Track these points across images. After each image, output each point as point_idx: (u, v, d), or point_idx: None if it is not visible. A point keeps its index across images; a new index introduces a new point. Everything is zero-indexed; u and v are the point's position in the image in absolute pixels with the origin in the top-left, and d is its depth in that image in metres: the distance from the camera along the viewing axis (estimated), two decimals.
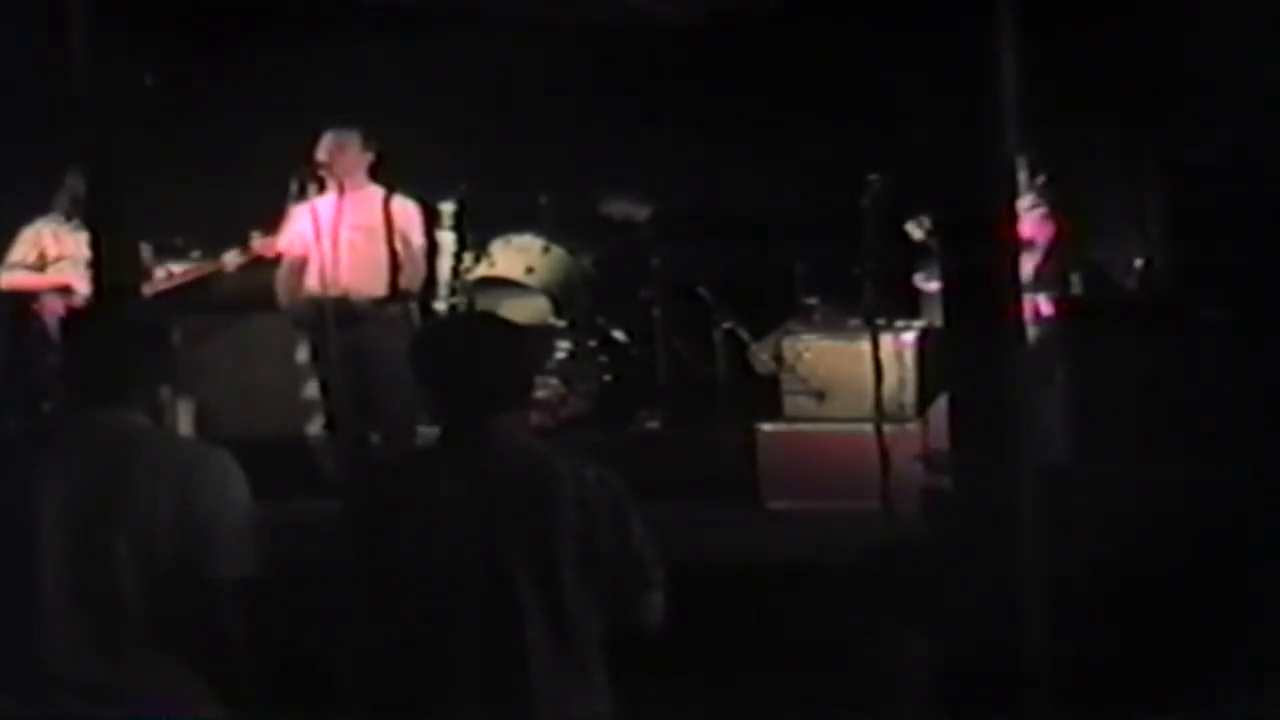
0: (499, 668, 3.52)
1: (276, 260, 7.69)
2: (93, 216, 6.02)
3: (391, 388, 7.07)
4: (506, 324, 3.97)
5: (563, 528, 3.53)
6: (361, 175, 7.49)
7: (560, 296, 8.50)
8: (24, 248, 8.05)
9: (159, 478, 3.59)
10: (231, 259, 7.87)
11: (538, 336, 7.85)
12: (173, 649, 3.59)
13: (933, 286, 7.39)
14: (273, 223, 7.69)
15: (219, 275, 8.04)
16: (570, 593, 3.54)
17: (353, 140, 7.47)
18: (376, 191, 7.52)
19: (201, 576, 3.57)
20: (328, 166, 7.33)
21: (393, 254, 7.45)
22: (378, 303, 7.38)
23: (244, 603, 3.59)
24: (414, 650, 3.55)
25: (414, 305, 7.75)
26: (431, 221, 7.93)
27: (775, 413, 7.47)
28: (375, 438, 7.42)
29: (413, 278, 7.60)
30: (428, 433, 6.41)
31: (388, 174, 7.65)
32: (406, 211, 7.58)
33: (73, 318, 4.83)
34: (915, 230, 7.47)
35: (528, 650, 3.51)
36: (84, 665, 3.56)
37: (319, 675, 3.73)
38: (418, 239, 7.63)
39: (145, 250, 7.63)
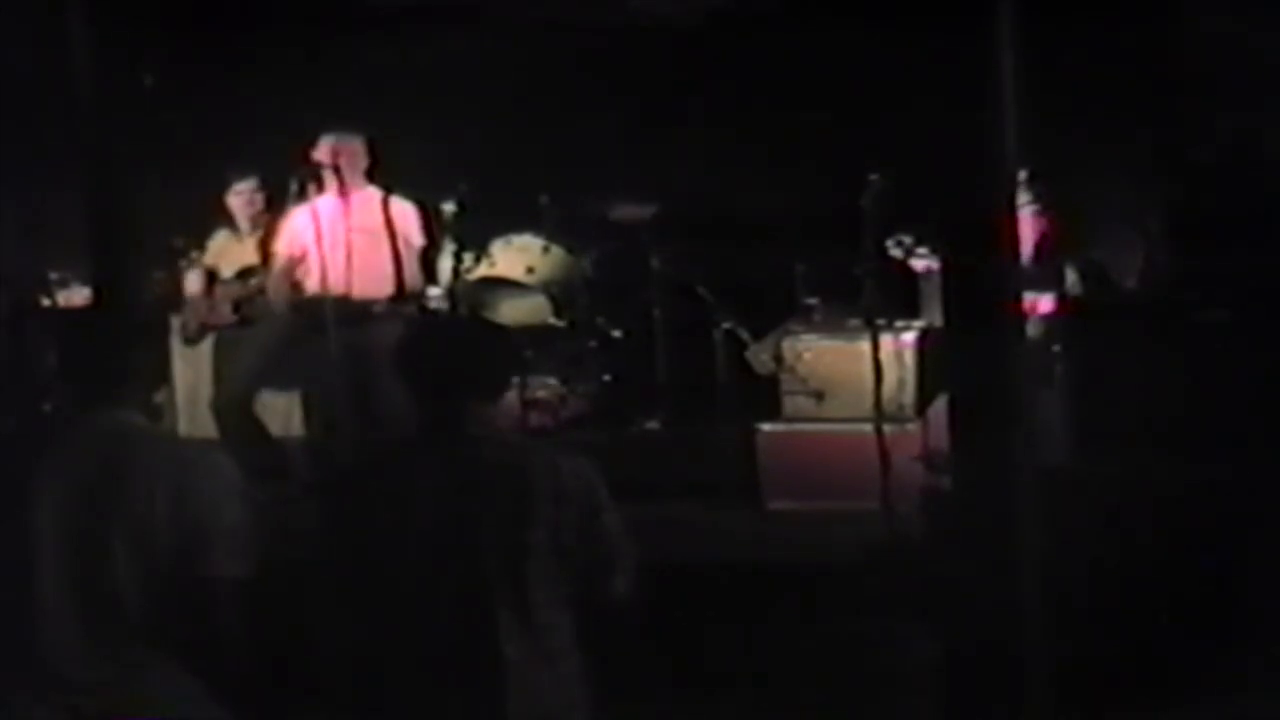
0: (473, 659, 3.53)
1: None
2: (93, 217, 6.03)
3: (393, 388, 7.06)
4: (481, 320, 4.00)
5: (536, 522, 3.55)
6: (361, 176, 7.51)
7: (560, 296, 8.49)
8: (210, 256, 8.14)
9: (156, 478, 3.60)
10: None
11: (517, 333, 7.80)
12: (170, 648, 3.60)
13: (922, 265, 7.40)
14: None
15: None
16: (544, 586, 3.55)
17: (354, 142, 7.49)
18: (375, 192, 7.54)
19: (198, 576, 3.57)
20: (331, 167, 7.33)
21: (395, 255, 7.47)
22: (380, 303, 7.38)
23: (241, 602, 3.60)
24: (391, 643, 3.56)
25: (414, 305, 7.75)
26: (430, 222, 7.93)
27: (775, 413, 7.46)
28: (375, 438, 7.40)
29: (414, 278, 7.62)
30: None
31: (390, 174, 7.66)
32: (405, 212, 7.61)
33: (72, 318, 4.83)
34: (895, 250, 7.48)
35: (500, 642, 3.52)
36: (82, 664, 3.56)
37: (317, 675, 3.73)
38: (418, 240, 7.66)
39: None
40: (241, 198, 8.01)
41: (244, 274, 7.97)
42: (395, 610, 3.57)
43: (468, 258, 8.54)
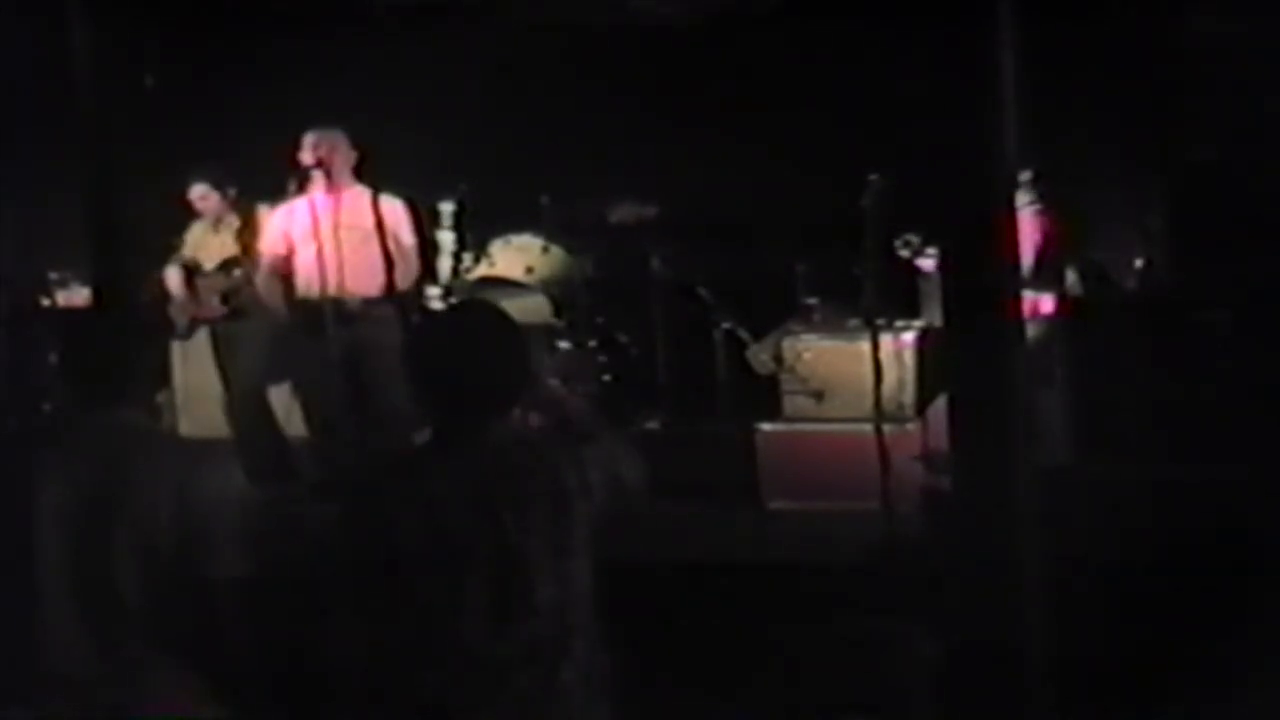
0: (506, 658, 3.52)
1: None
2: (93, 217, 6.03)
3: (389, 387, 7.07)
4: (490, 319, 3.91)
5: (567, 521, 3.54)
6: (349, 174, 7.49)
7: (560, 296, 8.50)
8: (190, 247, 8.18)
9: (158, 478, 3.60)
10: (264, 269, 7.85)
11: (532, 332, 7.81)
12: (172, 648, 3.60)
13: (929, 265, 7.40)
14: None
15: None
16: (577, 582, 3.55)
17: (341, 139, 7.47)
18: (364, 191, 7.52)
19: (200, 575, 3.58)
20: (322, 165, 7.31)
21: (386, 253, 7.44)
22: (373, 302, 7.37)
23: (243, 603, 3.60)
24: (419, 644, 3.55)
25: (409, 304, 7.74)
26: (420, 220, 7.92)
27: (775, 413, 7.47)
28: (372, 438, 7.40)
29: (406, 276, 7.59)
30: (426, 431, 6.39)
31: (391, 174, 7.65)
32: (395, 211, 7.58)
33: (72, 318, 4.83)
34: (903, 250, 7.47)
35: (536, 643, 3.52)
36: (84, 663, 3.56)
37: (317, 675, 3.73)
38: (408, 238, 7.63)
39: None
40: (197, 201, 8.06)
41: (226, 265, 7.97)
42: (419, 618, 3.54)
43: (467, 258, 8.56)
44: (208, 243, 8.10)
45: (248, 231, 7.88)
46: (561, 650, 3.54)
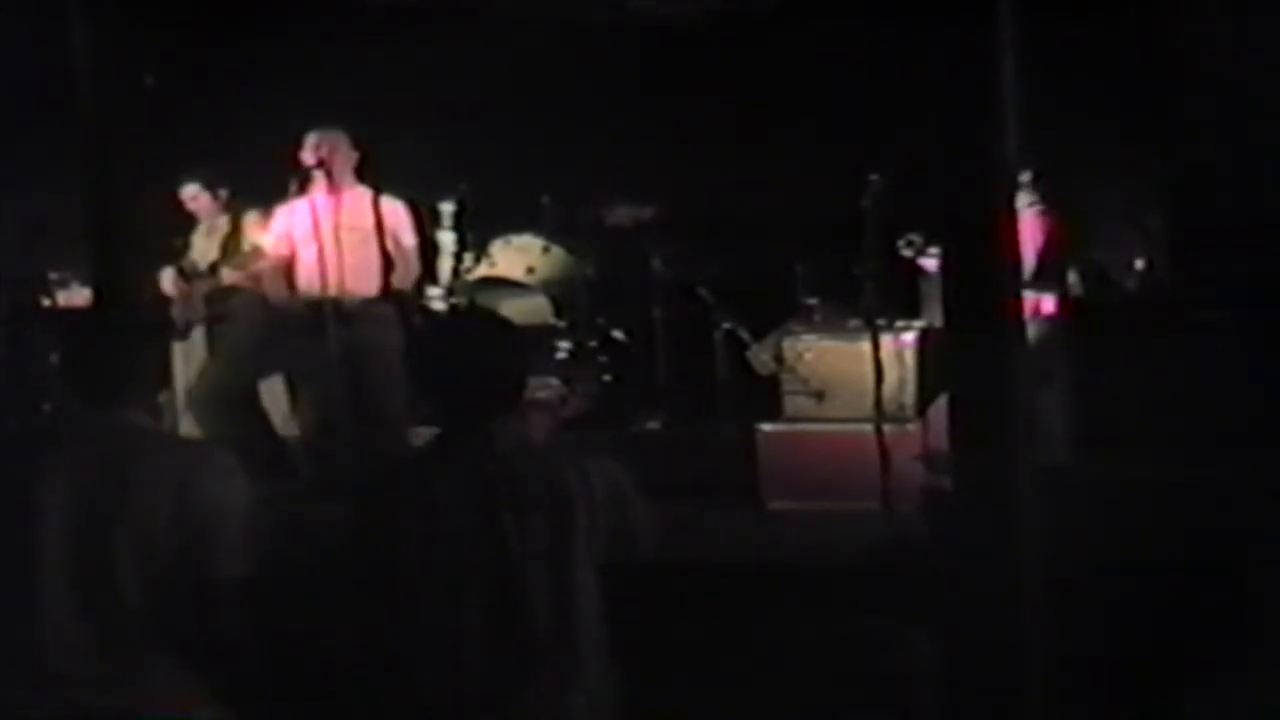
0: (507, 664, 3.52)
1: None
2: (93, 217, 6.03)
3: (387, 387, 7.07)
4: (492, 321, 3.93)
5: (568, 525, 3.54)
6: (350, 175, 7.48)
7: (560, 296, 8.50)
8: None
9: (159, 478, 3.60)
10: (229, 274, 7.83)
11: (530, 333, 7.81)
12: (173, 649, 3.60)
13: (933, 265, 7.40)
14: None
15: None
16: (580, 587, 3.55)
17: (342, 139, 7.47)
18: (365, 191, 7.50)
19: (201, 576, 3.58)
20: (323, 166, 7.30)
21: (385, 254, 7.43)
22: (371, 303, 7.36)
23: (244, 603, 3.60)
24: (420, 647, 3.55)
25: (408, 305, 7.74)
26: (421, 221, 7.91)
27: (775, 413, 7.47)
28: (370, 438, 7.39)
29: (405, 278, 7.58)
30: (423, 432, 6.39)
31: (391, 175, 7.65)
32: (396, 212, 7.57)
33: (72, 318, 4.83)
34: (907, 250, 7.47)
35: (537, 648, 3.51)
36: (84, 664, 3.56)
37: (319, 675, 3.73)
38: (408, 239, 7.61)
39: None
40: (189, 202, 8.05)
41: (214, 268, 7.97)
42: (424, 617, 3.54)
43: (468, 258, 8.56)
44: (202, 245, 8.10)
45: (234, 235, 7.87)
46: (561, 651, 3.55)
